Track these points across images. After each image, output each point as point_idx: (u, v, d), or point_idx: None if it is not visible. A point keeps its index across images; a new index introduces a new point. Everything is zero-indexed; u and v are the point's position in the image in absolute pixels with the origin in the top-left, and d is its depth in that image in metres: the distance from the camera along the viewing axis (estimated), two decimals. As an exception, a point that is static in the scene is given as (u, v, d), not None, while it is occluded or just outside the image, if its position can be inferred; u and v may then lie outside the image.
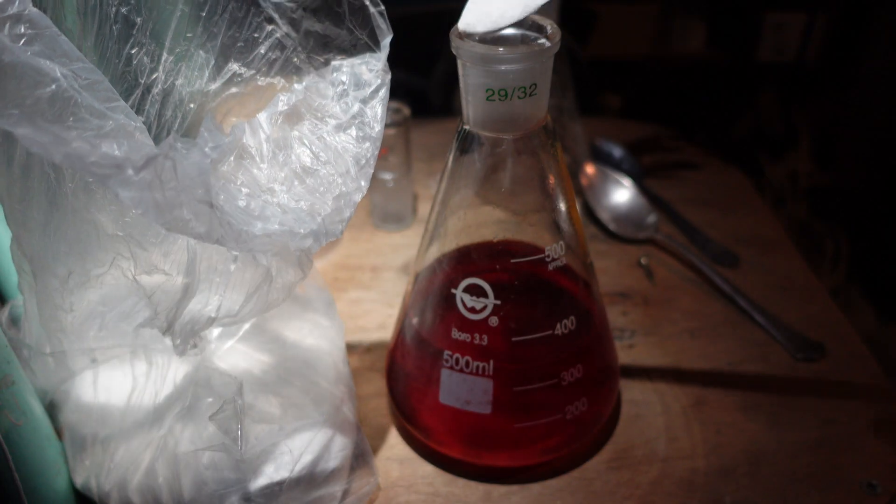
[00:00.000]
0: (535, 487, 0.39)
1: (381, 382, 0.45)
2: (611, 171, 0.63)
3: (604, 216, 0.60)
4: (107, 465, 0.35)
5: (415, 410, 0.40)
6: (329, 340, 0.40)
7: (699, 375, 0.46)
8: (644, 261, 0.57)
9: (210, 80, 0.33)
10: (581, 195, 0.63)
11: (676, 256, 0.57)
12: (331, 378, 0.38)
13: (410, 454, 0.41)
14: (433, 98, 0.78)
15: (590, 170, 0.63)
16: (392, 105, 0.56)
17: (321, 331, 0.40)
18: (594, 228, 0.61)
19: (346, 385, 0.39)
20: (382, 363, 0.47)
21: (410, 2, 0.70)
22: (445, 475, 0.39)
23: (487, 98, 0.32)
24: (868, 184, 0.63)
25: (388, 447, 0.41)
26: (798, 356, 0.47)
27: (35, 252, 0.31)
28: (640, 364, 0.47)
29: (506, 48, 0.30)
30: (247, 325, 0.38)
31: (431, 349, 0.38)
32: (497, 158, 0.34)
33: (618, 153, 0.67)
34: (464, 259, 0.37)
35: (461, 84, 0.33)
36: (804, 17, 0.70)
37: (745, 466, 0.39)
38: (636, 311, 0.51)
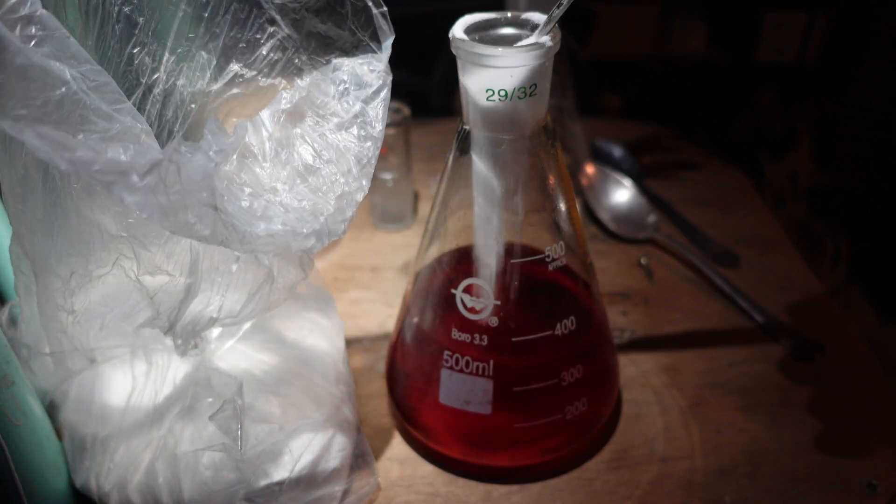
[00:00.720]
0: (535, 487, 0.39)
1: (381, 382, 0.45)
2: (611, 171, 0.63)
3: (604, 216, 0.61)
4: (107, 465, 0.35)
5: (415, 410, 0.40)
6: (329, 340, 0.40)
7: (699, 375, 0.46)
8: (644, 261, 0.57)
9: (212, 81, 0.33)
10: (581, 195, 0.63)
11: (676, 256, 0.57)
12: (331, 378, 0.38)
13: (410, 454, 0.41)
14: (433, 98, 0.78)
15: (590, 170, 0.63)
16: (392, 105, 0.56)
17: (321, 331, 0.40)
18: (594, 228, 0.61)
19: (346, 385, 0.39)
20: (382, 363, 0.47)
21: (410, 2, 0.70)
22: (445, 475, 0.40)
23: (487, 98, 0.32)
24: (868, 184, 0.63)
25: (388, 447, 0.41)
26: (798, 356, 0.47)
27: (37, 252, 0.31)
28: (640, 364, 0.47)
29: (506, 48, 0.30)
30: (247, 325, 0.38)
31: (431, 349, 0.38)
32: (497, 158, 0.34)
33: (618, 153, 0.67)
34: (464, 259, 0.37)
35: (461, 84, 0.33)
36: (804, 17, 0.70)
37: (745, 466, 0.39)
38: (636, 311, 0.51)
